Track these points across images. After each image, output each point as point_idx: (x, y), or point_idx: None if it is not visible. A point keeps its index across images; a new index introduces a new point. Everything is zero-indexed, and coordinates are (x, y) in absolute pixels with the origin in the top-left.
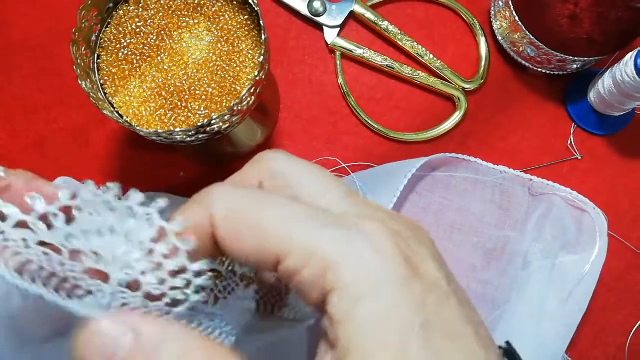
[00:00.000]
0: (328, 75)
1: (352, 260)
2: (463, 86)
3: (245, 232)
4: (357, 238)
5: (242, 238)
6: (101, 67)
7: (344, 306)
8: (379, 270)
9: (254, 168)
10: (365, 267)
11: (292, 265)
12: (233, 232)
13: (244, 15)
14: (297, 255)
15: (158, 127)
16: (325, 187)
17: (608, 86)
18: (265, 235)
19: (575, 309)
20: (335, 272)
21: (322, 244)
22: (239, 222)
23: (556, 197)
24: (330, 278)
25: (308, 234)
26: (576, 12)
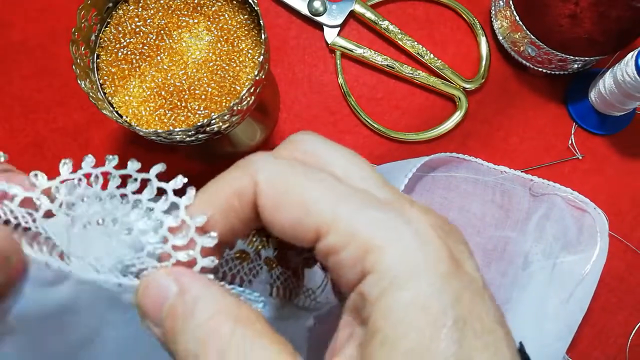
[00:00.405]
0: (328, 75)
1: (395, 245)
2: (463, 86)
3: (288, 203)
4: (401, 224)
5: (284, 208)
6: (100, 66)
7: (381, 288)
8: (421, 259)
9: (287, 149)
10: (408, 255)
11: (332, 243)
12: (275, 202)
13: (243, 15)
14: (339, 233)
15: (157, 127)
16: (363, 174)
17: (609, 86)
18: (308, 209)
19: (576, 309)
20: (377, 255)
21: (366, 225)
22: (282, 191)
23: (557, 197)
24: (371, 260)
25: (352, 213)
26: (576, 12)
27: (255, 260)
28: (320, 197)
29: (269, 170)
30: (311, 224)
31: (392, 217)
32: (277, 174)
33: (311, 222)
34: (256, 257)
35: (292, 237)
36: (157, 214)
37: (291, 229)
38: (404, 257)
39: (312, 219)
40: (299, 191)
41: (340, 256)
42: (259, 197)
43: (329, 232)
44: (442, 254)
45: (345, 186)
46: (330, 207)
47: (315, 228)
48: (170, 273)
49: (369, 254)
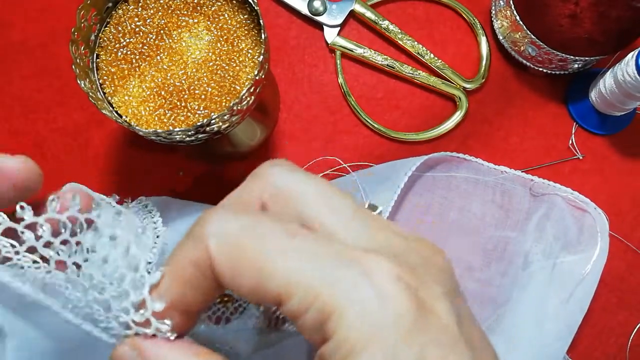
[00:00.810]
0: (328, 75)
1: (354, 308)
2: (464, 86)
3: (245, 270)
4: (362, 281)
5: (241, 275)
6: (100, 66)
7: (339, 357)
8: (380, 321)
9: (255, 183)
10: (367, 318)
11: (294, 308)
12: (231, 269)
13: (243, 15)
14: (299, 298)
15: (157, 127)
16: (331, 207)
17: (609, 86)
18: (265, 275)
19: (576, 309)
20: (337, 321)
21: (325, 288)
22: (237, 258)
23: (557, 197)
24: (331, 326)
25: (310, 275)
26: (577, 12)
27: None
28: (276, 261)
29: (219, 235)
30: (271, 289)
31: (352, 273)
32: (229, 239)
33: (271, 287)
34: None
35: (256, 301)
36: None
37: (252, 295)
38: (362, 320)
39: (271, 285)
40: (254, 256)
41: (302, 321)
42: (213, 266)
43: (289, 297)
44: (405, 306)
45: (304, 240)
46: (288, 272)
47: (276, 293)
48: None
49: (329, 318)
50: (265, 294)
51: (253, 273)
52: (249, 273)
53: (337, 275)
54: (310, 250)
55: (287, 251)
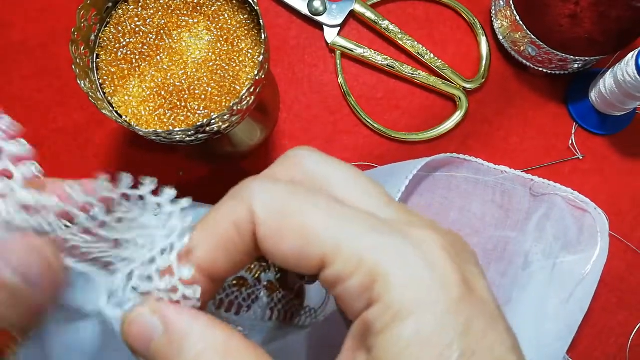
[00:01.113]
0: (328, 75)
1: (403, 272)
2: (464, 86)
3: (289, 232)
4: (409, 248)
5: (285, 238)
6: (100, 66)
7: (386, 320)
8: (429, 286)
9: (284, 166)
10: (415, 282)
11: (338, 272)
12: (275, 231)
13: (243, 15)
14: (344, 262)
15: (157, 127)
16: (364, 192)
17: (609, 86)
18: (310, 237)
19: (576, 309)
20: (384, 284)
21: (372, 252)
22: (282, 220)
23: (557, 197)
24: (378, 289)
25: (357, 240)
26: (577, 12)
27: (255, 286)
28: (322, 224)
29: (265, 198)
30: (315, 252)
31: (399, 241)
32: (275, 202)
33: (315, 250)
34: (255, 282)
35: (295, 266)
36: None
37: (294, 259)
38: (411, 285)
39: (315, 248)
40: (300, 219)
41: (347, 285)
42: (257, 227)
43: (334, 260)
44: (452, 278)
45: (348, 209)
46: (334, 235)
47: (320, 257)
48: (156, 310)
49: (375, 282)
50: (309, 256)
51: (298, 235)
52: (293, 235)
53: (385, 241)
54: (356, 216)
55: (333, 217)
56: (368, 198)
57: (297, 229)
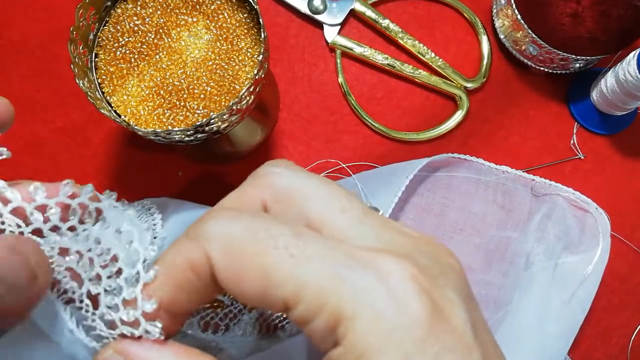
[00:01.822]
0: (328, 74)
1: (366, 313)
2: (465, 85)
3: (248, 277)
4: (375, 285)
5: (245, 282)
6: (99, 65)
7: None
8: (393, 327)
9: (256, 184)
10: (379, 323)
11: (302, 314)
12: (234, 274)
13: (243, 13)
14: (306, 304)
15: (156, 127)
16: (338, 208)
17: (611, 85)
18: (271, 281)
19: (578, 309)
20: (347, 327)
21: (335, 293)
22: (240, 264)
23: (559, 198)
24: (342, 332)
25: (319, 280)
26: (578, 11)
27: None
28: (282, 266)
29: (221, 240)
30: (277, 295)
31: (364, 277)
32: (232, 244)
33: (277, 293)
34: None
35: (260, 307)
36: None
37: (257, 301)
38: (374, 326)
39: (277, 291)
40: (259, 262)
41: (311, 327)
42: (215, 271)
43: (296, 303)
44: (419, 313)
45: (311, 242)
46: (295, 277)
47: (282, 299)
48: (119, 350)
49: (339, 324)
50: (272, 300)
51: (258, 278)
52: (253, 278)
53: (348, 278)
54: (319, 252)
55: (294, 254)
56: (341, 214)
57: (257, 272)
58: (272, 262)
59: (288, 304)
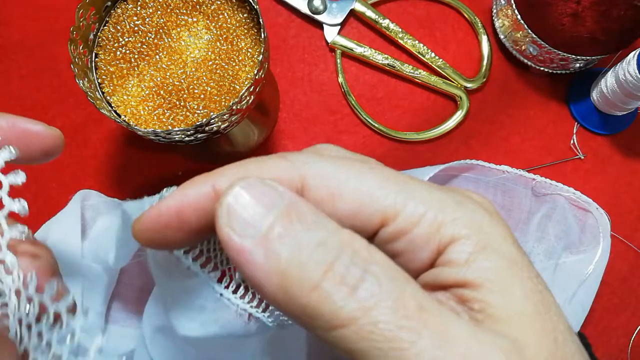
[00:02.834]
0: (328, 74)
1: (468, 217)
2: (465, 85)
3: (346, 194)
4: (467, 200)
5: (340, 201)
6: (99, 65)
7: (469, 252)
8: (494, 228)
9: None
10: (481, 224)
11: (402, 225)
12: (328, 196)
13: (243, 14)
14: (407, 214)
15: (156, 127)
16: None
17: (611, 85)
18: (367, 198)
19: (579, 309)
20: (454, 227)
21: (434, 203)
22: (336, 184)
23: (559, 197)
24: (448, 232)
25: (417, 194)
26: (578, 11)
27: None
28: (379, 184)
29: (318, 165)
30: (375, 211)
31: (454, 195)
32: (326, 168)
33: (375, 209)
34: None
35: (350, 227)
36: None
37: (351, 219)
38: (479, 226)
39: (375, 206)
40: (356, 182)
41: (410, 236)
42: (309, 191)
43: (395, 216)
44: (506, 225)
45: (400, 174)
46: (393, 193)
47: (381, 214)
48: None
49: (443, 227)
50: (367, 216)
51: (354, 197)
52: (349, 197)
53: (442, 195)
54: (410, 179)
55: (389, 178)
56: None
57: (354, 191)
58: (369, 182)
59: (386, 217)
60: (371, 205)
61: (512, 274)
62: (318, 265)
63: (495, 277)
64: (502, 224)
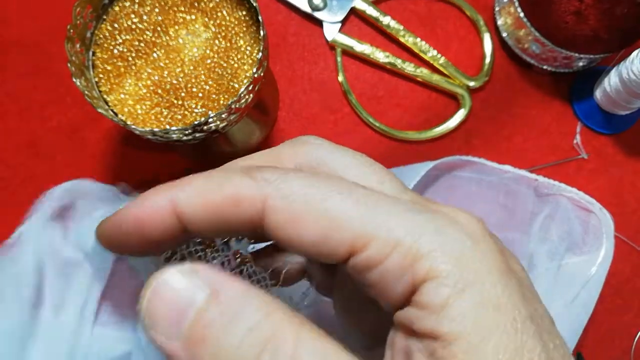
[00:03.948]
0: (328, 73)
1: (448, 247)
2: (467, 83)
3: (310, 220)
4: (447, 225)
5: (305, 227)
6: (96, 64)
7: (445, 294)
8: (477, 260)
9: (293, 149)
10: (463, 256)
11: (373, 255)
12: (292, 219)
13: (242, 11)
14: (379, 244)
15: (154, 126)
16: (376, 180)
17: (614, 84)
18: (335, 223)
19: (581, 311)
20: (430, 261)
21: (409, 230)
22: (301, 207)
23: (562, 198)
24: (424, 267)
25: (390, 220)
26: (581, 9)
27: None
28: (348, 208)
29: (283, 186)
30: (344, 238)
31: (434, 218)
32: (292, 188)
33: (342, 236)
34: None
35: (316, 255)
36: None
37: (315, 247)
38: (460, 259)
39: (342, 234)
40: (322, 205)
41: (383, 268)
42: (270, 213)
43: (367, 244)
44: (494, 252)
45: (372, 192)
46: (363, 218)
47: (349, 243)
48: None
49: (418, 261)
50: (334, 244)
51: (320, 222)
52: (315, 222)
53: (420, 219)
54: (382, 199)
55: (359, 200)
56: (384, 185)
57: (320, 215)
58: (337, 205)
59: (356, 246)
60: (338, 232)
61: (493, 322)
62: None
63: (472, 329)
64: (489, 249)
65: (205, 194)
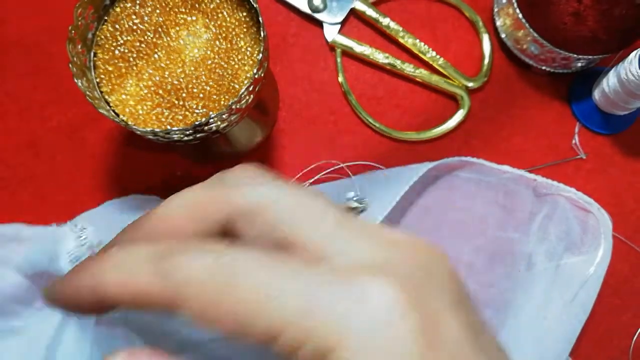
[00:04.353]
0: (328, 73)
1: (355, 337)
2: (466, 84)
3: (223, 311)
4: (360, 307)
5: (220, 316)
6: (97, 65)
7: None
8: (389, 346)
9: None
10: (369, 347)
11: (287, 344)
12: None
13: (242, 12)
14: (292, 333)
15: (155, 126)
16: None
17: (613, 85)
18: (250, 314)
19: (580, 311)
20: (338, 353)
21: (322, 319)
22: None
23: (560, 198)
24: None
25: (304, 308)
26: (580, 10)
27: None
28: (260, 294)
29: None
30: (258, 327)
31: (348, 299)
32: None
33: (258, 325)
34: None
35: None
36: None
37: (232, 334)
38: (367, 349)
39: (258, 323)
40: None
41: (298, 356)
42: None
43: (281, 333)
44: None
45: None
46: (276, 308)
47: (264, 331)
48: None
49: (329, 352)
50: (252, 332)
51: (233, 314)
52: (227, 314)
53: (331, 302)
54: (298, 279)
55: (272, 284)
56: (315, 226)
57: (233, 307)
58: (250, 295)
59: (270, 335)
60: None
61: None
62: None
63: None
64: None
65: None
